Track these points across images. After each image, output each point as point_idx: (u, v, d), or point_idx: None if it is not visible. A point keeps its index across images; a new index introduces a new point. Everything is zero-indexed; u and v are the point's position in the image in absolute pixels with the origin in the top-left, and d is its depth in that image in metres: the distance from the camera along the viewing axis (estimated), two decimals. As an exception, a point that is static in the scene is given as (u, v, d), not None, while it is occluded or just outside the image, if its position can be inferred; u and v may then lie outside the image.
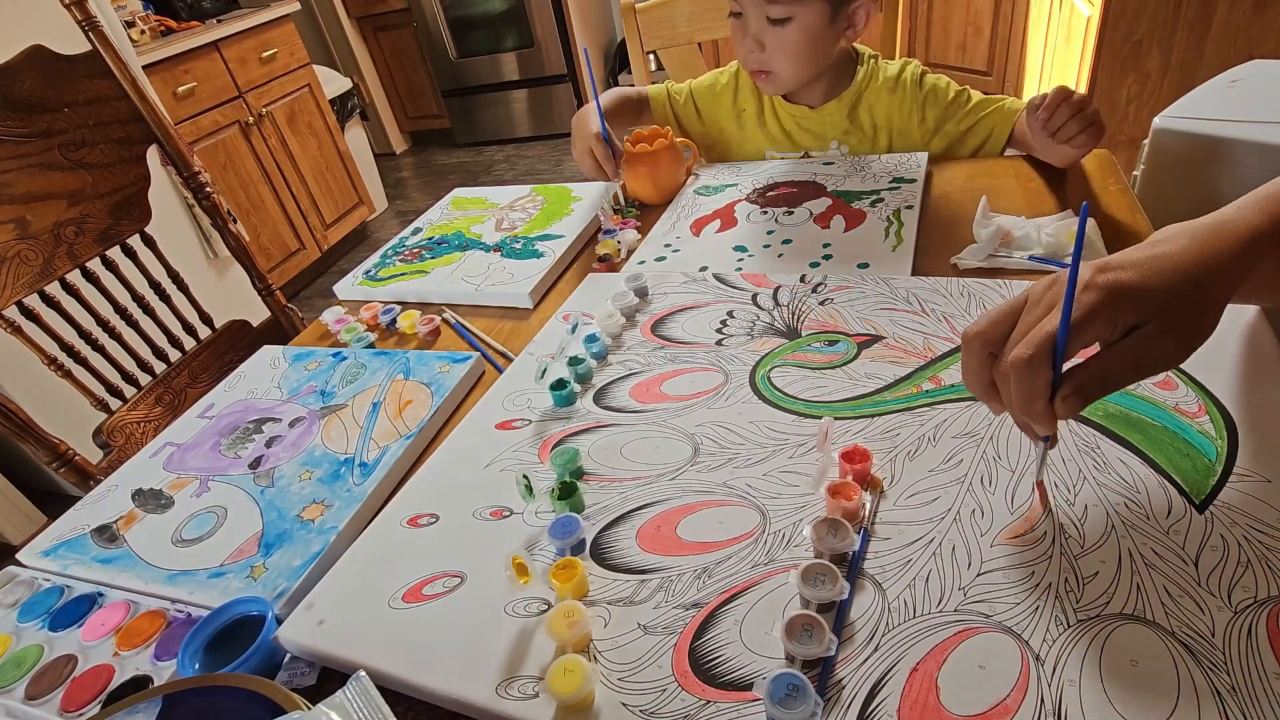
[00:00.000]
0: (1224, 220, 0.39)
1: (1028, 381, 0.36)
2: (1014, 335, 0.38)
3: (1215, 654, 0.33)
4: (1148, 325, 0.36)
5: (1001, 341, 0.38)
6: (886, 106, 0.97)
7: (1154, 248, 0.38)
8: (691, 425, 0.54)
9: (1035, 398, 0.36)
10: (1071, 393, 0.36)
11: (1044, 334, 0.36)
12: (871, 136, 0.99)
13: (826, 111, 0.99)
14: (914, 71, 0.95)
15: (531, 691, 0.38)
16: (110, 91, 0.98)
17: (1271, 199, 0.40)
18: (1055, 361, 0.36)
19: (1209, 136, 1.06)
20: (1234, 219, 0.39)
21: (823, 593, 0.38)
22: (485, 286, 0.82)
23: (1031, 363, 0.36)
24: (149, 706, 0.37)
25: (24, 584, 0.55)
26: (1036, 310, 0.37)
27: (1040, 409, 0.37)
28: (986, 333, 0.39)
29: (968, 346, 0.40)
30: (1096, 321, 0.35)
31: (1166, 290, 0.36)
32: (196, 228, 2.06)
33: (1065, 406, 0.36)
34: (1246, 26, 1.61)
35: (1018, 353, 0.36)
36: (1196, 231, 0.38)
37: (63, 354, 0.99)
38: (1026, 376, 0.36)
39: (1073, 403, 0.36)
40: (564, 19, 3.41)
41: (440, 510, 0.51)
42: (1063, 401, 0.36)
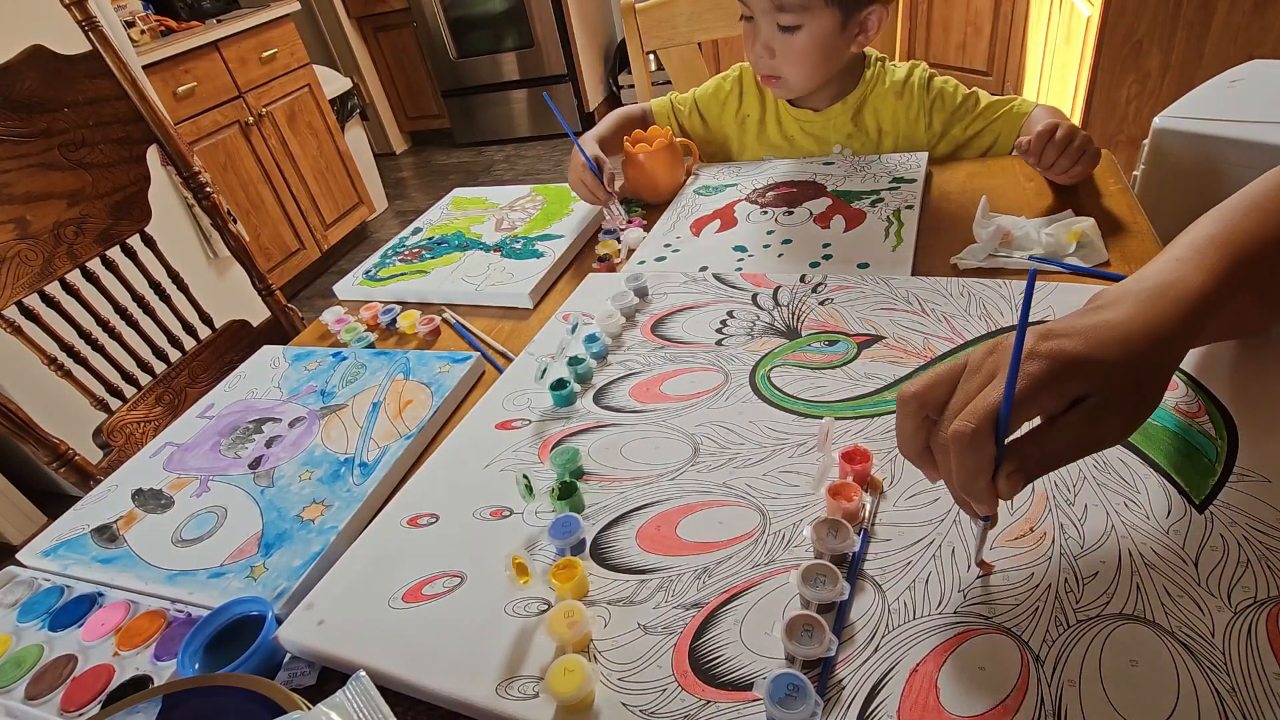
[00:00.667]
0: (1168, 282, 0.37)
1: (970, 457, 0.33)
2: (953, 403, 0.35)
3: (1215, 654, 0.33)
4: (1092, 399, 0.34)
5: (939, 406, 0.36)
6: (893, 110, 0.96)
7: (1097, 314, 0.36)
8: (691, 425, 0.54)
9: (978, 475, 0.34)
10: (1015, 470, 0.33)
11: (986, 405, 0.33)
12: (875, 140, 0.98)
13: (831, 115, 0.98)
14: (922, 75, 0.95)
15: (531, 691, 0.38)
16: (110, 91, 0.98)
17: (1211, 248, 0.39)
18: (998, 436, 0.33)
19: (1209, 136, 1.06)
20: (1178, 281, 0.37)
21: (823, 593, 0.38)
22: (485, 286, 0.82)
23: (975, 437, 0.33)
24: (149, 706, 0.37)
25: (24, 584, 0.55)
26: (977, 378, 0.35)
27: (982, 488, 0.34)
28: (923, 395, 0.36)
29: (903, 408, 0.37)
30: (1042, 394, 0.33)
31: (1112, 362, 0.34)
32: (196, 228, 2.06)
33: (1008, 485, 0.33)
34: (1246, 26, 1.61)
35: (959, 425, 0.33)
36: (1141, 296, 0.37)
37: (63, 354, 0.99)
38: (969, 452, 0.33)
39: (1016, 480, 0.33)
40: (564, 19, 3.41)
41: (440, 510, 0.51)
42: (1005, 479, 0.33)
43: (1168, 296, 0.36)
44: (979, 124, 0.92)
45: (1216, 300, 0.37)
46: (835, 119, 0.98)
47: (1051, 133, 0.74)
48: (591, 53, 3.70)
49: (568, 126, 0.93)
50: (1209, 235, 0.40)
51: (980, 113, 0.93)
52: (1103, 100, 1.80)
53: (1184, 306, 0.36)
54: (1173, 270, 0.38)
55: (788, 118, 1.02)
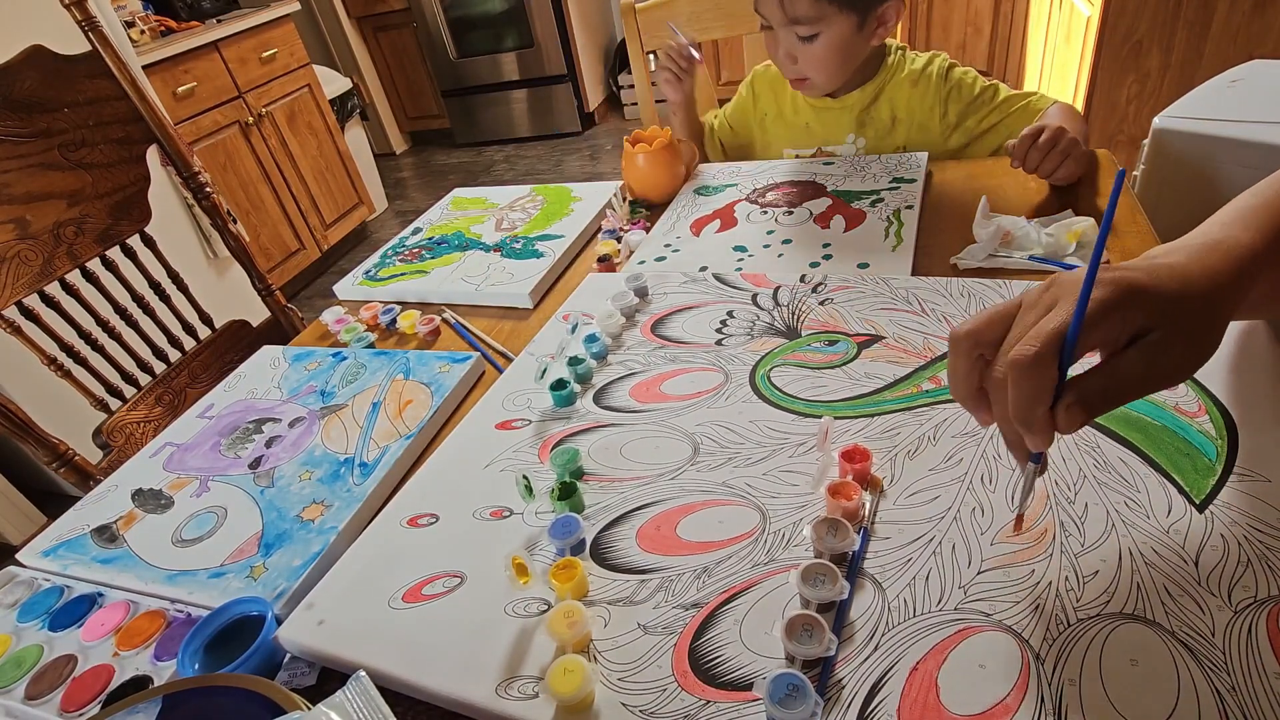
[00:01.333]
0: (1216, 240, 0.37)
1: (1031, 381, 0.32)
2: (1011, 336, 0.34)
3: (1215, 654, 0.33)
4: (1153, 333, 0.33)
5: (994, 345, 0.35)
6: (908, 99, 0.97)
7: (1154, 259, 0.36)
8: (691, 425, 0.54)
9: (1037, 401, 0.33)
10: (1075, 401, 0.32)
11: (1050, 329, 0.32)
12: (889, 128, 0.99)
13: (847, 102, 0.99)
14: (941, 64, 0.95)
15: (531, 691, 0.38)
16: (110, 91, 0.98)
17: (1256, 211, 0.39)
18: (1062, 362, 0.32)
19: (1209, 136, 1.06)
20: (1225, 238, 0.37)
21: (823, 593, 0.38)
22: (485, 286, 0.82)
23: (1038, 360, 0.32)
24: (149, 706, 0.37)
25: (24, 584, 0.55)
26: (1034, 311, 0.34)
27: (1041, 416, 0.33)
28: (978, 332, 0.35)
29: (955, 347, 0.36)
30: (1106, 320, 0.32)
31: (1175, 296, 0.33)
32: (196, 228, 2.06)
33: (1068, 417, 0.32)
34: (1246, 26, 1.61)
35: (1021, 349, 0.32)
36: (1192, 248, 0.36)
37: (63, 354, 0.99)
38: (1030, 375, 0.32)
39: (1076, 413, 0.32)
40: (564, 19, 3.41)
41: (440, 510, 0.51)
42: (1065, 411, 0.32)
43: (1219, 250, 0.36)
44: (995, 117, 0.92)
45: (1265, 256, 0.37)
46: (851, 106, 0.99)
47: (1036, 136, 0.74)
48: (591, 53, 3.70)
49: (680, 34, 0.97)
50: (1251, 204, 0.40)
51: (997, 105, 0.92)
52: (1103, 100, 1.80)
53: (1235, 259, 0.36)
54: (1220, 231, 0.38)
55: (804, 106, 1.03)
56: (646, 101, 1.36)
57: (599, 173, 3.25)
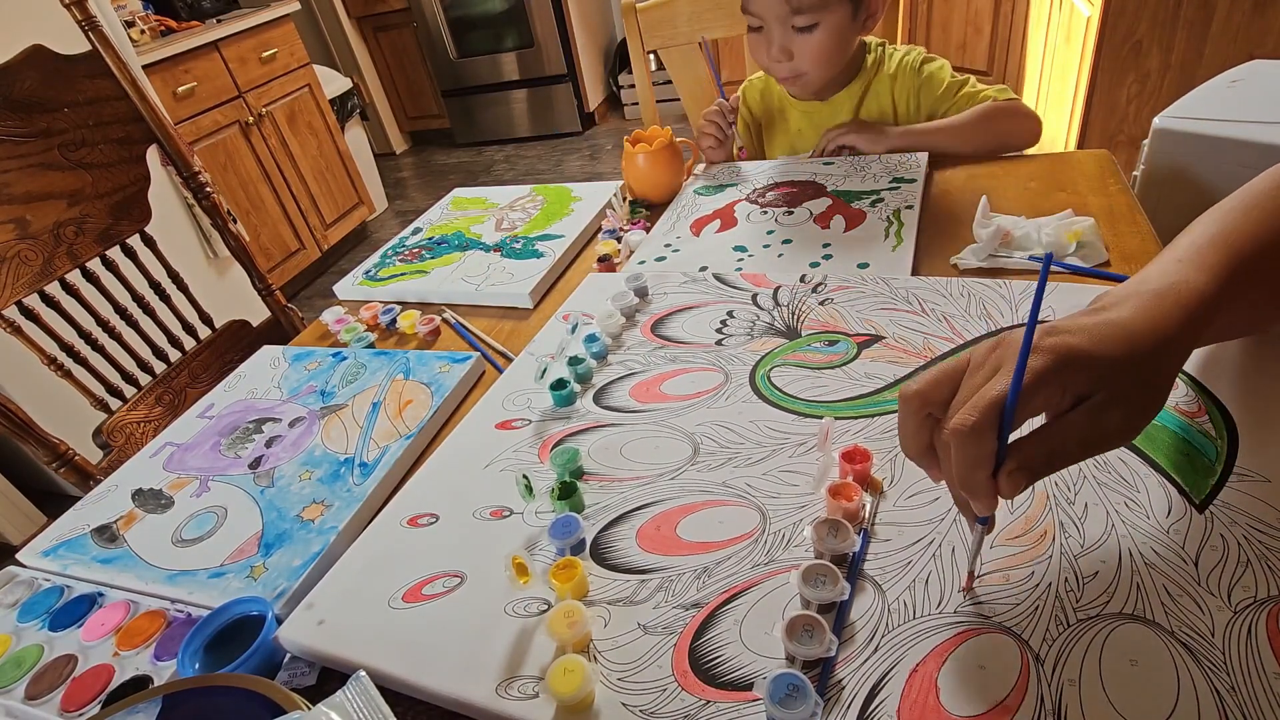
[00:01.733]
0: (1170, 284, 0.37)
1: (971, 451, 0.33)
2: (957, 399, 0.35)
3: (1215, 654, 0.33)
4: (1096, 396, 0.33)
5: (943, 405, 0.35)
6: (891, 94, 0.98)
7: (1101, 314, 0.36)
8: (691, 425, 0.54)
9: (977, 469, 0.33)
10: (1017, 468, 0.33)
11: (989, 399, 0.33)
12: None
13: (836, 104, 1.00)
14: (915, 58, 0.97)
15: (531, 691, 0.38)
16: (110, 91, 0.98)
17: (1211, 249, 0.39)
18: (1001, 431, 0.33)
19: (1209, 136, 1.06)
20: (1179, 282, 0.37)
21: (823, 593, 0.38)
22: (485, 286, 0.82)
23: (976, 430, 0.32)
24: (149, 706, 0.37)
25: (24, 584, 0.55)
26: (981, 373, 0.35)
27: (981, 482, 0.33)
28: (926, 393, 0.36)
29: (905, 405, 0.36)
30: (1045, 387, 0.33)
31: (1117, 359, 0.33)
32: (196, 228, 2.06)
33: (1009, 483, 0.33)
34: (1246, 26, 1.61)
35: (960, 418, 0.33)
36: (1144, 297, 0.36)
37: (63, 354, 0.99)
38: (970, 445, 0.33)
39: (1018, 479, 0.33)
40: (564, 19, 3.41)
41: (440, 510, 0.51)
42: (1007, 477, 0.33)
43: (1170, 297, 0.36)
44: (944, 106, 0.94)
45: (1218, 301, 0.37)
46: (840, 107, 1.00)
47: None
48: (591, 53, 3.70)
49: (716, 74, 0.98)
50: (1209, 236, 0.40)
51: (956, 100, 0.94)
52: (1103, 100, 1.80)
53: (1187, 307, 0.36)
54: (1175, 271, 0.38)
55: (794, 113, 1.03)
56: (647, 101, 1.36)
57: (599, 173, 3.25)
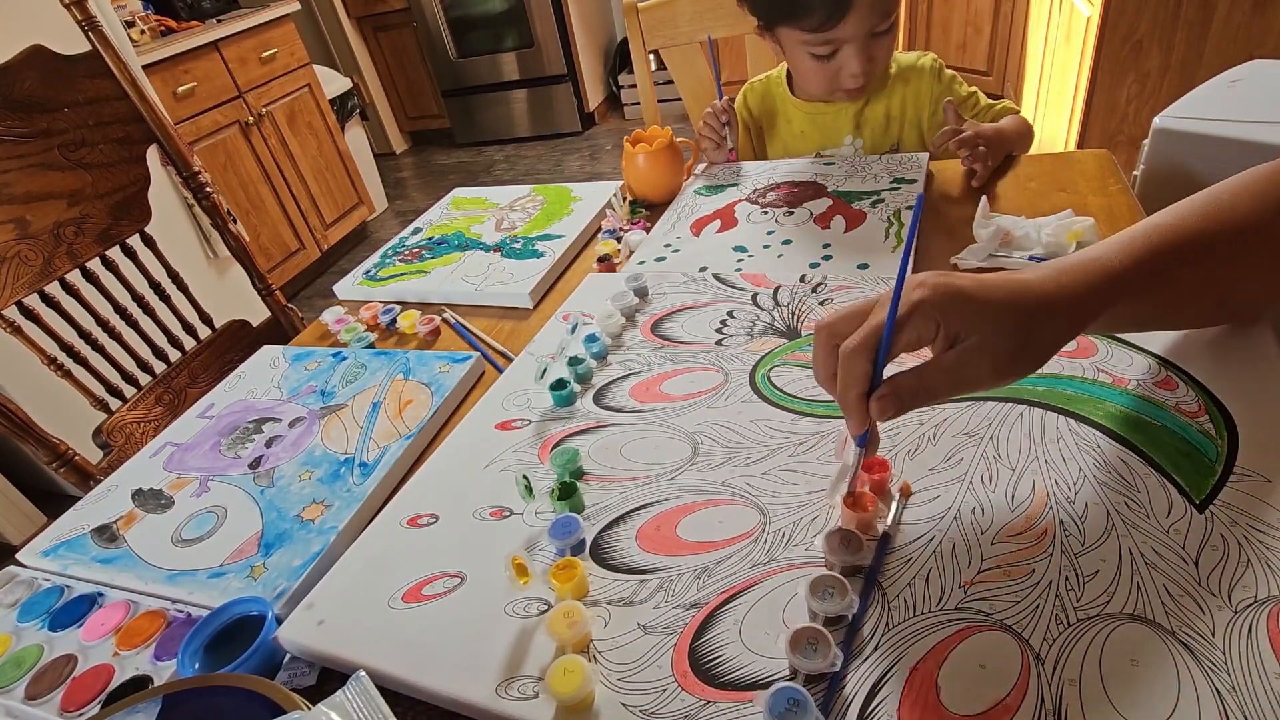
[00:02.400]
0: (1088, 259, 0.40)
1: (847, 370, 0.37)
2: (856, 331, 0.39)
3: (1215, 654, 0.33)
4: (969, 340, 0.36)
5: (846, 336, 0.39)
6: (902, 96, 0.97)
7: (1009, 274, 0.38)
8: (691, 425, 0.54)
9: (850, 386, 0.38)
10: (887, 394, 0.37)
11: (871, 326, 0.37)
12: (884, 127, 0.99)
13: (841, 105, 0.99)
14: (933, 63, 0.96)
15: (531, 692, 0.38)
16: (110, 91, 0.98)
17: (1137, 240, 0.41)
18: (879, 358, 0.37)
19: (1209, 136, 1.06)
20: (1099, 258, 0.40)
21: (831, 605, 0.37)
22: (485, 286, 0.82)
23: (854, 351, 0.37)
24: (149, 706, 0.37)
25: (24, 584, 0.55)
26: (879, 309, 0.38)
27: (853, 400, 0.38)
28: (834, 325, 0.40)
29: (816, 337, 0.41)
30: (919, 318, 0.36)
31: (994, 305, 0.36)
32: (196, 228, 2.06)
33: (877, 406, 0.37)
34: (1246, 26, 1.61)
35: (847, 342, 0.38)
36: (1057, 266, 0.39)
37: (63, 354, 0.99)
38: (848, 364, 0.37)
39: (885, 404, 0.37)
40: (564, 19, 3.41)
41: (440, 510, 0.51)
42: (876, 401, 0.37)
43: (1079, 269, 0.39)
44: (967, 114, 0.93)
45: (1127, 282, 0.39)
46: (844, 109, 0.99)
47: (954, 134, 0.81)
48: (591, 53, 3.70)
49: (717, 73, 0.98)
50: (1155, 224, 0.43)
51: (978, 111, 0.95)
52: (1103, 100, 1.80)
53: (1091, 282, 0.39)
54: (1100, 250, 0.41)
55: (798, 115, 1.03)
56: (647, 101, 1.36)
57: (599, 173, 3.25)
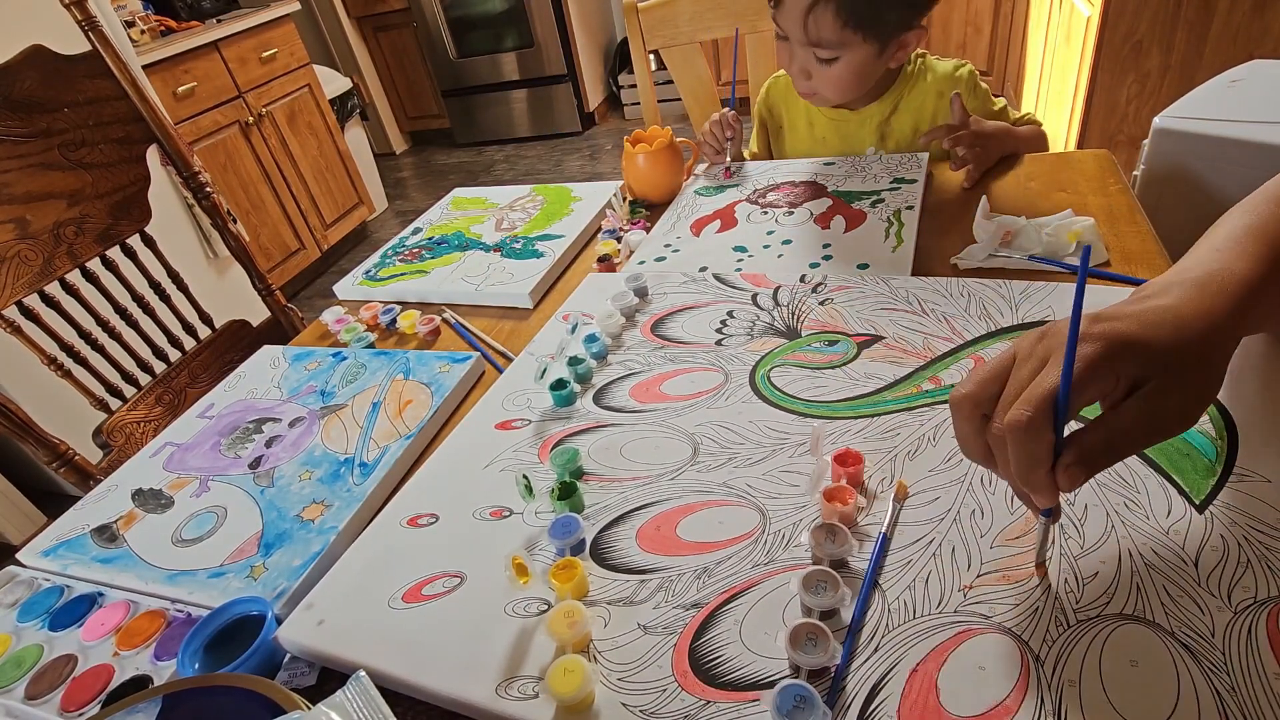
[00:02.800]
0: (1211, 272, 0.37)
1: (1027, 447, 0.33)
2: (1007, 393, 0.34)
3: (1215, 654, 0.33)
4: (1150, 383, 0.33)
5: (993, 402, 0.35)
6: (935, 109, 0.95)
7: (1146, 301, 0.35)
8: (691, 425, 0.54)
9: (1036, 465, 0.33)
10: (1074, 461, 0.32)
11: (1042, 391, 0.32)
12: (910, 139, 0.97)
13: (866, 114, 0.97)
14: (967, 73, 0.94)
15: (531, 692, 0.38)
16: (110, 91, 0.98)
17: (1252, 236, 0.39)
18: (1056, 423, 0.32)
19: (1209, 136, 1.06)
20: (1221, 270, 0.37)
21: (824, 600, 0.38)
22: (485, 286, 0.82)
23: (1031, 425, 0.32)
24: (149, 706, 0.37)
25: (24, 584, 0.55)
26: (1028, 365, 0.34)
27: (1041, 478, 0.33)
28: (976, 394, 0.35)
29: (958, 411, 0.36)
30: (1098, 375, 0.32)
31: (1168, 342, 0.33)
32: (196, 228, 2.06)
33: (1067, 477, 0.33)
34: (1246, 26, 1.61)
35: (1014, 414, 0.33)
36: (1187, 285, 0.36)
37: (63, 354, 0.99)
38: (1025, 441, 0.32)
39: (1075, 473, 0.32)
40: (564, 19, 3.41)
41: (440, 510, 0.51)
42: (1064, 472, 0.32)
43: (1214, 284, 0.36)
44: None
45: (1261, 286, 0.36)
46: (870, 118, 0.97)
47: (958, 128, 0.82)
48: (591, 53, 3.70)
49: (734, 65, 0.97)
50: (1245, 225, 0.39)
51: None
52: (1103, 100, 1.80)
53: (1230, 293, 0.35)
54: (1215, 260, 0.38)
55: (820, 119, 1.01)
56: (647, 101, 1.36)
57: (599, 173, 3.25)
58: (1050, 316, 0.56)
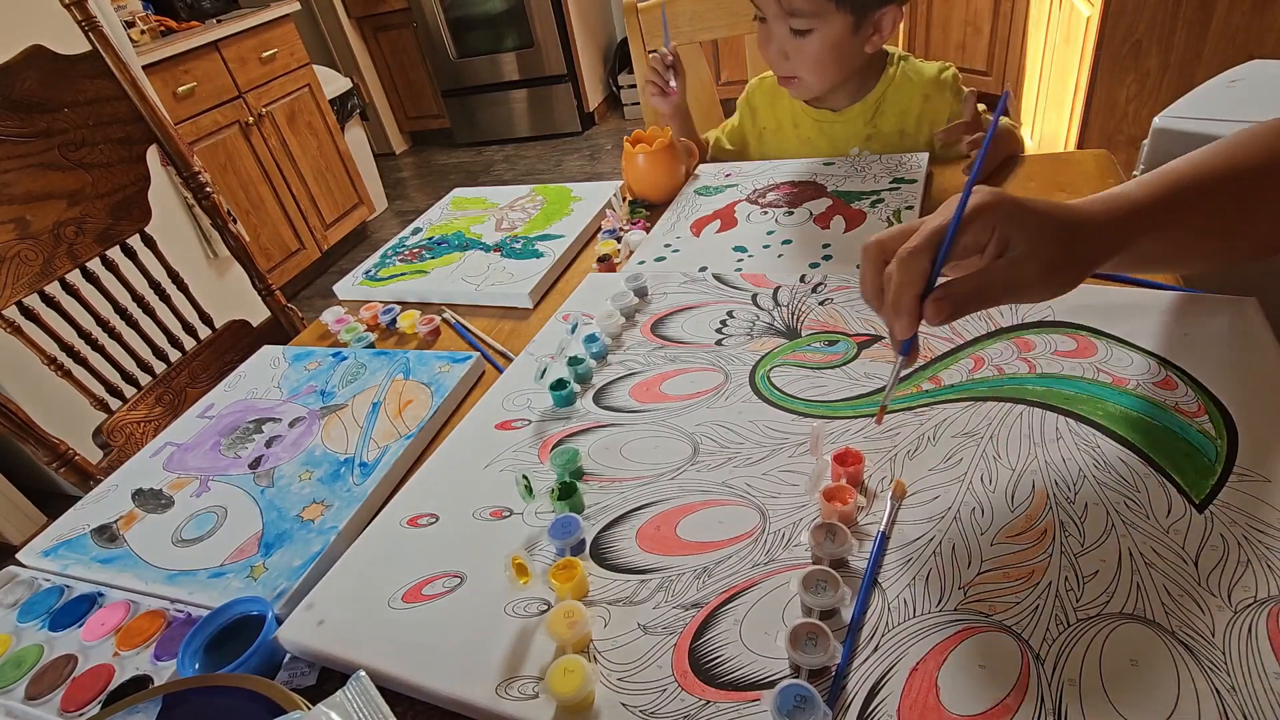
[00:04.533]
0: (1118, 193, 0.43)
1: (906, 270, 0.39)
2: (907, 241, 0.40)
3: (1215, 654, 0.33)
4: (1019, 249, 0.39)
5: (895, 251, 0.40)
6: (920, 111, 0.95)
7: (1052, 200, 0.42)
8: (691, 425, 0.54)
9: (908, 287, 0.39)
10: (942, 296, 0.38)
11: (931, 228, 0.39)
12: (896, 141, 0.97)
13: (849, 115, 0.98)
14: (952, 77, 0.94)
15: (531, 692, 0.38)
16: (110, 91, 0.98)
17: (1160, 177, 0.45)
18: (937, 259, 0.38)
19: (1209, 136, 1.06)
20: (1121, 193, 0.43)
21: (824, 599, 0.38)
22: (485, 286, 0.82)
23: (915, 251, 0.39)
24: (149, 706, 0.37)
25: (24, 584, 0.55)
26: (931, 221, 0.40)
27: (909, 301, 0.39)
28: (885, 242, 0.41)
29: (865, 254, 0.42)
30: (976, 222, 0.38)
31: (1041, 214, 0.39)
32: (196, 228, 2.06)
33: (934, 309, 0.38)
34: (1246, 26, 1.61)
35: (905, 245, 0.39)
36: (1093, 198, 0.43)
37: (63, 354, 0.99)
38: (907, 264, 0.39)
39: (942, 307, 0.38)
40: (564, 19, 3.41)
41: (440, 510, 0.51)
42: (932, 303, 0.38)
43: (1108, 200, 0.43)
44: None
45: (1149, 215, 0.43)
46: (854, 119, 0.98)
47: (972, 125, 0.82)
48: (591, 53, 3.70)
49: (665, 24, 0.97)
50: (1174, 167, 0.46)
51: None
52: (1103, 100, 1.80)
53: (1116, 207, 0.42)
54: (1126, 187, 0.44)
55: (806, 120, 1.01)
56: (647, 101, 1.36)
57: (599, 173, 3.25)
58: (1049, 315, 0.56)
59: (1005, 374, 0.52)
